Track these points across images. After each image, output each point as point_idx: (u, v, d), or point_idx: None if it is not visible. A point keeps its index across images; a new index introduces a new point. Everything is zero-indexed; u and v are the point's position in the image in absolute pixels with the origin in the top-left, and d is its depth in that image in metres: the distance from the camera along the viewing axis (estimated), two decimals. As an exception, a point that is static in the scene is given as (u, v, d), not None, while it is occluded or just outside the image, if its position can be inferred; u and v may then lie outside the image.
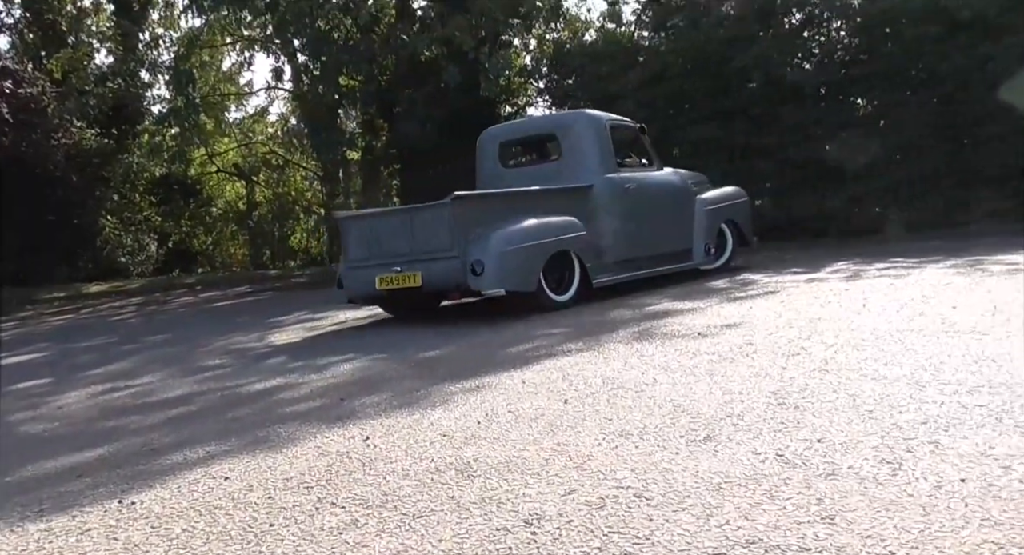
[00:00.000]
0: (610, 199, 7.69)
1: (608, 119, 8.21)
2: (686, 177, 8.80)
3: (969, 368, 3.24)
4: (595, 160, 7.78)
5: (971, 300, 5.04)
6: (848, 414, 2.76)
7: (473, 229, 6.53)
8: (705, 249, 8.43)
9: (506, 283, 6.50)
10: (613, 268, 7.55)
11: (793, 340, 4.25)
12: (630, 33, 14.76)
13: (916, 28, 11.75)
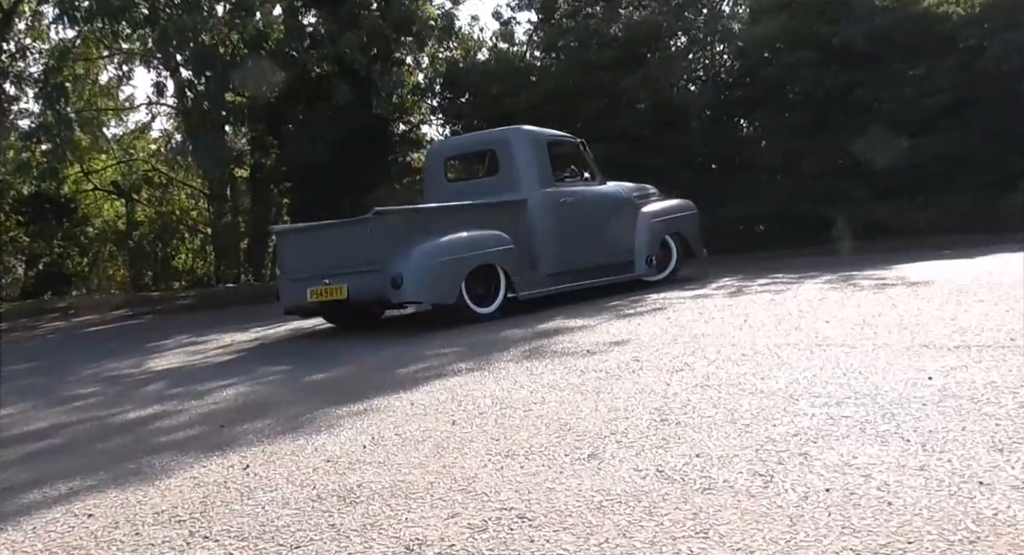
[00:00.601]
0: (545, 213, 7.88)
1: (547, 135, 8.44)
2: (630, 190, 8.96)
3: (838, 381, 3.38)
4: (530, 175, 7.96)
5: (842, 314, 5.27)
6: (726, 428, 2.84)
7: (396, 243, 6.70)
8: (647, 261, 8.59)
9: (426, 296, 6.81)
10: (548, 280, 7.77)
11: (677, 356, 4.35)
12: (522, 53, 14.95)
13: (792, 54, 12.32)
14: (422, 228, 7.01)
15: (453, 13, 15.20)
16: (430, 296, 6.86)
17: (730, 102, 13.21)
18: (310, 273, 6.99)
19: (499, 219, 7.51)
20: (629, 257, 8.54)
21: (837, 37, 11.99)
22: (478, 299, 7.08)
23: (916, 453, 2.34)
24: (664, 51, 13.38)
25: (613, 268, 8.38)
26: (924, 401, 2.90)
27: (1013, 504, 1.90)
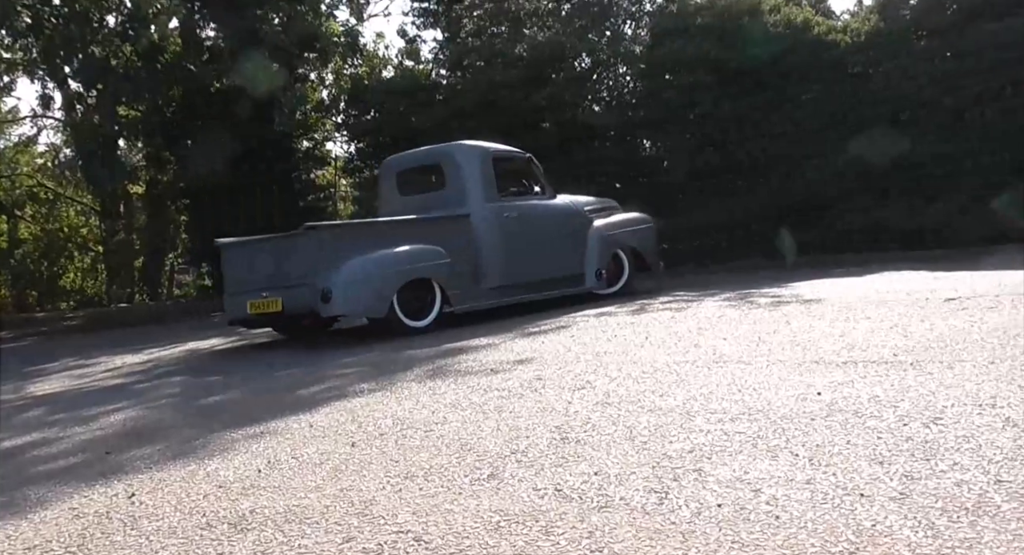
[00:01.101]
0: (488, 228, 8.01)
1: (493, 150, 8.56)
2: (582, 204, 9.04)
3: (733, 397, 3.46)
4: (475, 189, 8.09)
5: (739, 332, 5.41)
6: (624, 446, 2.86)
7: (326, 258, 6.90)
8: (596, 274, 8.68)
9: (354, 309, 7.07)
10: (492, 294, 7.95)
11: (580, 374, 4.38)
12: (428, 71, 14.96)
13: (692, 76, 12.67)
14: (353, 243, 7.19)
15: (358, 30, 15.13)
16: (359, 310, 7.09)
17: (634, 122, 13.48)
18: (250, 286, 7.24)
19: (438, 233, 7.65)
20: (579, 270, 8.66)
21: (734, 61, 12.40)
22: (413, 312, 7.23)
23: (804, 467, 2.41)
24: (569, 72, 13.59)
25: (562, 281, 8.51)
26: (813, 416, 2.99)
27: (890, 515, 1.98)
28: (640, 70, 13.63)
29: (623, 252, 9.14)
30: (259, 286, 7.15)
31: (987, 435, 2.51)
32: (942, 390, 3.16)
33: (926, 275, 8.10)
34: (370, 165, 14.90)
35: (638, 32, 14.71)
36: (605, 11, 14.00)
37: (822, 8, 14.62)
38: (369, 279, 7.03)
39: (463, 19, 14.15)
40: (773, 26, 12.66)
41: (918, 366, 3.66)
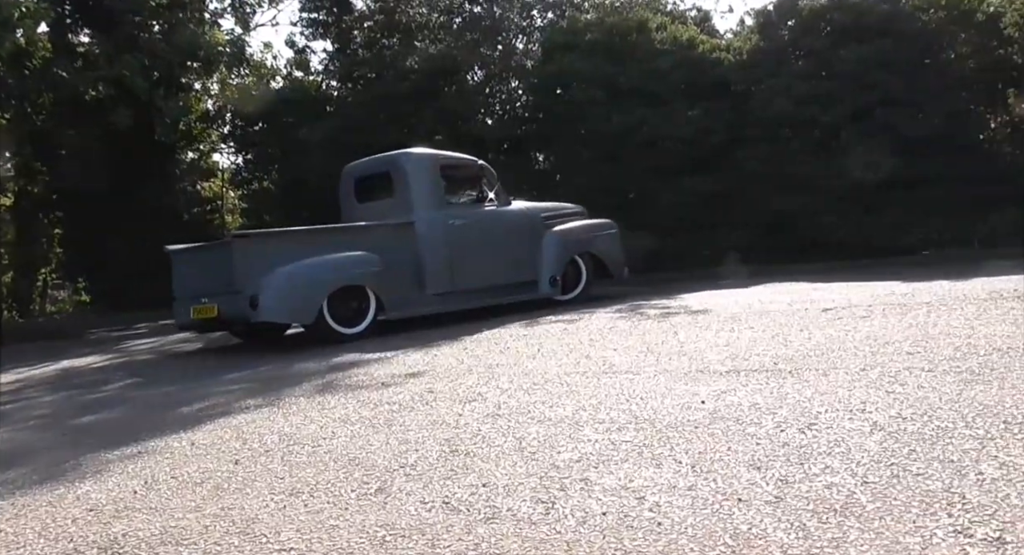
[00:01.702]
0: (432, 235, 8.10)
1: (441, 157, 8.63)
2: (537, 211, 9.05)
3: (621, 406, 3.51)
4: (420, 197, 8.18)
5: (629, 342, 5.51)
6: (513, 457, 2.87)
7: (254, 265, 7.03)
8: (550, 281, 8.69)
9: (281, 316, 7.25)
10: (436, 300, 8.06)
11: (471, 386, 4.38)
12: (318, 82, 14.73)
13: (583, 91, 12.90)
14: (282, 251, 7.30)
15: (244, 39, 14.75)
16: (286, 316, 7.30)
17: (526, 136, 13.62)
18: (192, 292, 7.46)
19: (377, 241, 7.76)
20: (534, 277, 8.71)
21: (623, 77, 12.68)
22: (348, 319, 7.38)
23: (686, 474, 2.47)
24: (461, 84, 13.63)
25: (516, 288, 8.58)
26: (697, 424, 3.06)
27: (765, 518, 2.04)
28: (531, 84, 13.79)
29: (581, 259, 9.19)
30: (200, 292, 7.37)
31: (856, 439, 2.63)
32: (817, 397, 3.28)
33: (807, 286, 8.45)
34: (259, 177, 14.53)
35: (529, 47, 14.90)
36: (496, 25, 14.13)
37: (707, 27, 15.14)
38: (296, 286, 7.14)
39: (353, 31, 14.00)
40: (660, 43, 13.01)
41: (796, 374, 3.80)
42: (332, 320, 7.31)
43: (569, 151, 13.19)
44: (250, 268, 7.03)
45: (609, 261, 9.41)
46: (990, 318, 4.94)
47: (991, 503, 1.96)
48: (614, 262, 9.47)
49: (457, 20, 14.54)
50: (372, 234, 7.95)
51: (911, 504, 2.01)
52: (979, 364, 3.59)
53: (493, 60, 13.88)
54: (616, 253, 9.54)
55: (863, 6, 12.37)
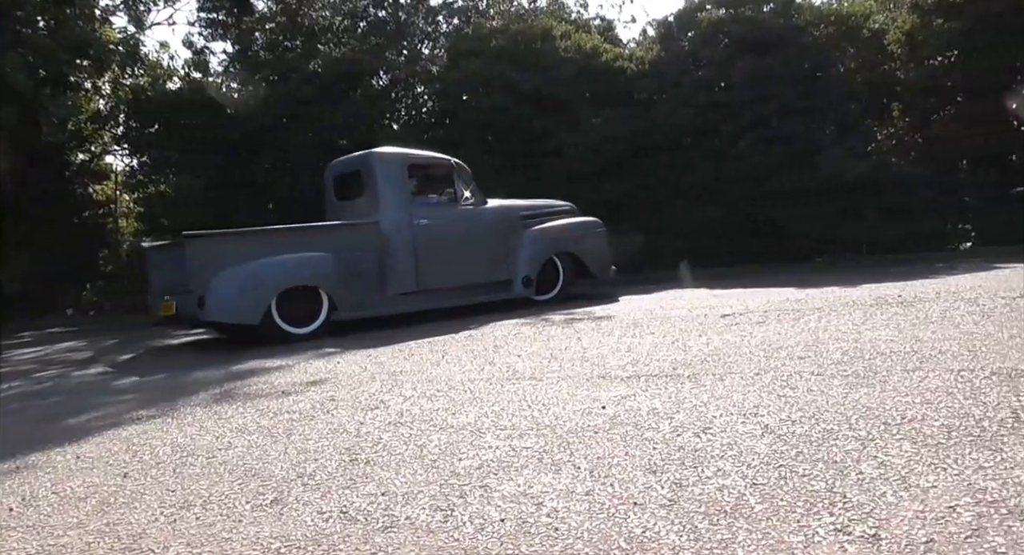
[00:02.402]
0: (397, 235, 8.13)
1: (410, 157, 8.60)
2: (516, 209, 8.96)
3: (523, 413, 3.53)
4: (385, 196, 8.21)
5: (533, 349, 5.55)
6: (414, 465, 2.85)
7: (205, 265, 7.17)
8: (524, 281, 8.66)
9: (227, 316, 7.31)
10: (402, 300, 8.13)
11: (374, 394, 4.33)
12: (218, 84, 14.34)
13: (489, 98, 12.94)
14: (235, 251, 7.43)
15: (138, 38, 14.25)
16: (232, 317, 7.33)
17: (433, 141, 13.56)
18: (160, 289, 7.66)
19: (337, 240, 7.89)
20: (508, 277, 8.68)
21: (528, 83, 12.77)
22: (301, 320, 7.49)
23: (584, 479, 2.49)
24: (366, 89, 13.49)
25: (488, 288, 8.58)
26: (596, 429, 3.10)
27: (659, 521, 2.08)
28: (438, 90, 13.76)
29: (559, 258, 9.11)
30: (165, 289, 7.56)
31: (748, 442, 2.70)
32: (713, 401, 3.37)
33: (706, 293, 8.67)
34: (155, 180, 14.03)
35: (435, 52, 14.87)
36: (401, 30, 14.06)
37: (610, 36, 15.39)
38: (242, 287, 7.24)
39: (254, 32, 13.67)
40: (564, 51, 13.16)
41: (694, 379, 3.89)
42: (282, 320, 7.42)
43: (475, 157, 13.17)
44: (202, 268, 7.17)
45: (590, 260, 9.33)
46: (875, 323, 5.17)
47: (869, 501, 2.05)
48: (596, 262, 9.38)
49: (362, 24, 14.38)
50: (331, 234, 8.05)
51: (796, 504, 2.09)
52: (864, 368, 3.74)
53: (398, 65, 13.80)
54: (599, 252, 9.45)
55: (758, 19, 12.79)
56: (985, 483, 2.10)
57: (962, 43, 11.81)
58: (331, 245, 7.79)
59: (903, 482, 2.17)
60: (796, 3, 13.13)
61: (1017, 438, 2.48)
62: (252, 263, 7.35)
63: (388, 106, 13.84)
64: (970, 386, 3.19)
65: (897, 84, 12.82)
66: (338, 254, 7.73)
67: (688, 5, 13.70)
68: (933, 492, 2.07)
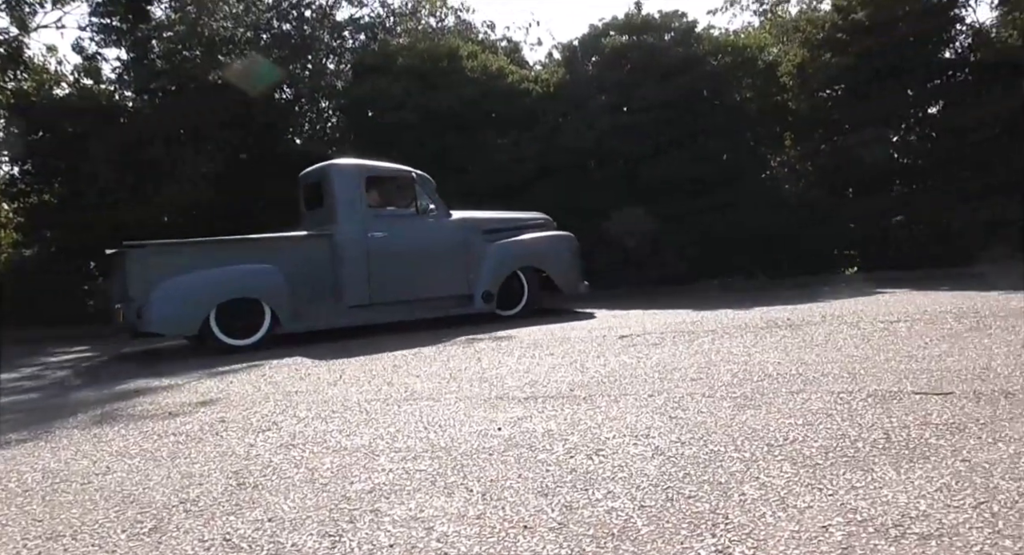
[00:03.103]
0: (350, 247, 8.08)
1: (368, 168, 8.52)
2: (479, 222, 8.83)
3: (419, 434, 3.50)
4: (341, 208, 8.17)
5: (433, 369, 5.52)
6: (304, 489, 2.79)
7: (145, 276, 7.28)
8: (483, 296, 8.51)
9: (164, 328, 7.44)
10: (354, 313, 8.10)
11: (266, 415, 4.23)
12: (110, 91, 13.76)
13: (395, 114, 12.86)
14: (173, 262, 7.47)
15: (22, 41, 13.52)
16: (168, 328, 7.49)
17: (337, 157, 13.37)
18: (116, 298, 7.76)
19: (287, 253, 7.94)
20: (469, 291, 8.55)
21: (434, 102, 12.77)
22: (245, 331, 7.55)
23: (476, 502, 2.48)
24: (268, 102, 13.24)
25: (448, 301, 8.49)
26: (491, 451, 3.09)
27: (548, 545, 2.08)
28: (342, 105, 13.61)
29: (523, 273, 8.95)
30: (117, 299, 7.66)
31: (639, 464, 2.74)
32: (607, 423, 3.41)
33: (606, 313, 8.80)
34: (37, 189, 13.34)
35: (341, 67, 14.72)
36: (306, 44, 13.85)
37: (517, 58, 15.55)
38: (180, 298, 7.30)
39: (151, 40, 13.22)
40: (471, 71, 13.23)
41: (590, 400, 3.94)
42: (225, 331, 7.49)
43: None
44: (142, 278, 7.28)
45: (557, 275, 9.17)
46: (765, 345, 5.34)
47: (749, 523, 2.10)
48: (563, 277, 9.22)
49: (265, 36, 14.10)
50: (278, 246, 8.10)
51: (681, 526, 2.12)
52: (752, 389, 3.86)
53: (302, 79, 13.59)
54: (567, 267, 9.29)
55: (660, 47, 13.14)
56: (856, 503, 2.19)
57: (847, 78, 12.40)
58: (278, 257, 7.82)
59: (782, 503, 2.23)
60: (696, 33, 13.54)
61: (887, 458, 2.59)
62: (191, 275, 7.39)
63: (292, 120, 13.61)
64: (848, 408, 3.32)
65: (789, 114, 13.34)
66: (285, 266, 7.75)
67: (592, 30, 13.96)
68: (809, 512, 2.14)
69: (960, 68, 12.68)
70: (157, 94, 12.64)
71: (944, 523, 2.00)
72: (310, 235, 8.28)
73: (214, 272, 7.54)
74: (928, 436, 2.82)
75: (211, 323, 7.41)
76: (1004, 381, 3.64)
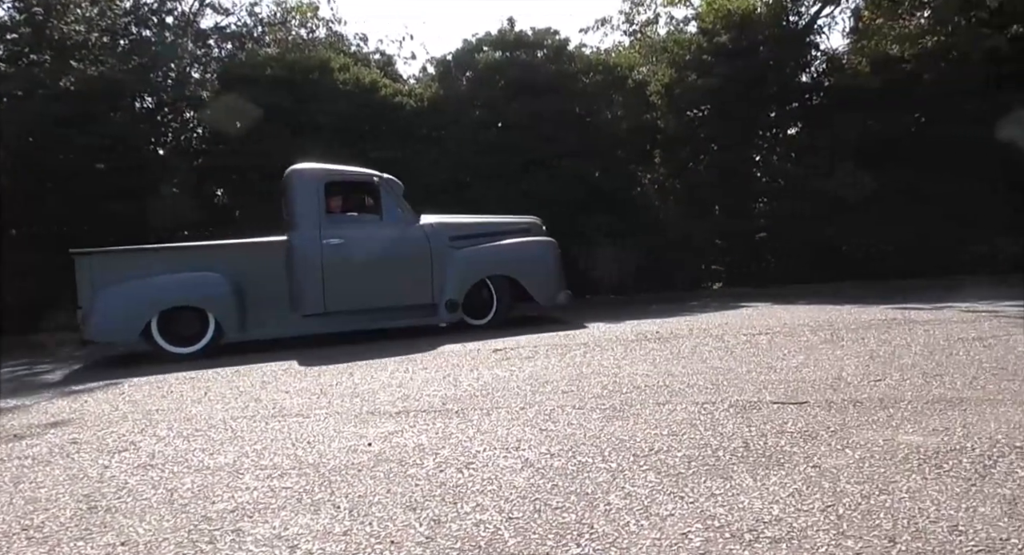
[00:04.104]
0: (304, 254, 7.86)
1: (326, 172, 8.21)
2: (446, 228, 8.45)
3: (287, 451, 3.41)
4: (300, 214, 7.94)
5: (303, 385, 5.39)
6: (161, 510, 2.67)
7: (90, 283, 7.32)
8: (447, 305, 8.15)
9: (103, 336, 7.45)
10: (309, 322, 7.90)
11: (124, 435, 4.03)
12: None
13: (265, 127, 12.52)
14: (119, 269, 7.44)
15: None
16: (107, 336, 7.49)
17: (202, 168, 12.92)
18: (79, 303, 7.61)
19: (238, 260, 7.78)
20: (433, 300, 8.21)
21: (305, 115, 12.52)
22: (191, 339, 7.51)
23: (343, 519, 2.44)
24: (127, 111, 12.64)
25: (411, 311, 8.18)
26: (360, 467, 3.05)
27: (414, 560, 2.07)
28: (208, 116, 13.13)
29: (492, 281, 8.49)
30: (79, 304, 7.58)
31: (508, 476, 2.76)
32: (478, 436, 3.42)
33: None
34: None
35: (206, 77, 14.20)
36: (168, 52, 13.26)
37: (390, 72, 15.43)
38: (119, 306, 7.28)
39: (-8, 43, 12.36)
40: (343, 84, 13.04)
41: (462, 414, 3.94)
42: (164, 340, 7.46)
43: (249, 186, 12.70)
44: (89, 285, 7.31)
45: (530, 284, 8.57)
46: (634, 358, 5.48)
47: (613, 532, 2.15)
48: (537, 285, 8.61)
49: (122, 42, 13.43)
50: (228, 253, 7.92)
51: (547, 537, 2.15)
52: (621, 401, 3.95)
53: (165, 88, 13.03)
54: (542, 276, 8.67)
55: (533, 64, 13.32)
56: (715, 509, 2.27)
57: (713, 98, 12.92)
58: (227, 264, 7.69)
59: (645, 511, 2.29)
60: (568, 51, 13.81)
61: (746, 466, 2.70)
62: (133, 282, 7.36)
63: (153, 130, 13.02)
64: (711, 418, 3.44)
65: (658, 132, 13.78)
66: (236, 274, 7.64)
67: (466, 45, 14.01)
68: (670, 520, 2.21)
69: (816, 92, 13.45)
70: (2, 99, 11.81)
71: (794, 526, 2.10)
72: (263, 242, 8.11)
73: (157, 279, 7.48)
74: (783, 444, 2.95)
75: (153, 331, 7.39)
76: (854, 390, 3.86)
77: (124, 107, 12.42)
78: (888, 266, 11.98)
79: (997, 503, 2.20)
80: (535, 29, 13.82)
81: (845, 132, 12.22)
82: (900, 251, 12.08)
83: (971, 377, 4.06)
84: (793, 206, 12.56)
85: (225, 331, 7.65)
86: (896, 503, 2.24)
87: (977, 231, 11.77)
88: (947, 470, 2.53)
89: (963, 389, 3.78)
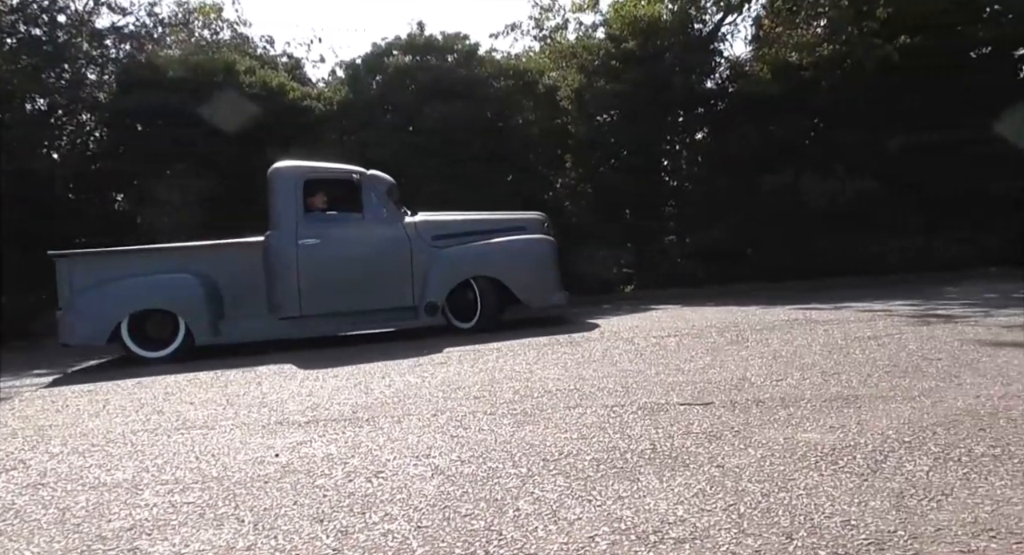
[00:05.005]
0: (280, 256, 7.66)
1: (306, 170, 7.90)
2: (430, 226, 8.09)
3: (190, 465, 3.31)
4: (278, 214, 7.75)
5: (208, 395, 5.25)
6: (52, 531, 2.55)
7: (68, 286, 7.40)
8: (427, 308, 7.82)
9: (74, 339, 7.43)
10: (283, 326, 7.74)
11: (12, 453, 3.84)
12: None
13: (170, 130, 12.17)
14: (94, 272, 7.48)
15: None
16: (77, 339, 7.43)
17: (101, 173, 12.47)
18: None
19: (213, 262, 7.71)
20: (414, 303, 7.91)
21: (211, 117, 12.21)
22: (159, 344, 7.49)
23: (247, 533, 2.37)
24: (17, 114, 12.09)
25: (393, 313, 7.89)
26: (267, 479, 2.97)
27: (319, 574, 2.03)
28: (106, 119, 12.69)
29: (476, 283, 8.05)
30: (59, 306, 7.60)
31: (418, 485, 2.73)
32: (388, 444, 3.37)
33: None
34: None
35: (104, 78, 13.70)
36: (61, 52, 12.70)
37: (298, 75, 15.19)
38: (90, 309, 7.31)
39: None
40: (249, 87, 12.78)
41: (372, 422, 3.88)
42: (135, 343, 7.46)
43: (155, 191, 12.31)
44: (66, 287, 7.37)
45: (516, 285, 8.10)
46: (546, 362, 5.51)
47: (522, 537, 2.15)
48: (524, 287, 8.15)
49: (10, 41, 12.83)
50: (206, 255, 7.84)
51: (456, 545, 2.13)
52: (532, 406, 3.96)
53: (59, 90, 12.50)
54: (530, 277, 8.21)
55: (443, 69, 13.33)
56: (622, 512, 2.29)
57: (621, 103, 13.14)
58: (206, 266, 7.66)
59: (554, 516, 2.29)
60: (478, 56, 13.85)
61: (652, 468, 2.74)
62: (105, 285, 7.36)
63: (46, 133, 12.48)
64: (620, 421, 3.48)
65: (569, 137, 13.94)
66: (211, 276, 7.54)
67: (375, 49, 13.92)
68: (578, 524, 2.22)
69: (721, 98, 13.82)
70: None
71: (697, 526, 2.14)
72: (239, 243, 7.95)
73: (127, 282, 7.46)
74: (689, 445, 3.00)
75: (123, 334, 7.40)
76: (757, 390, 3.96)
77: (14, 109, 11.86)
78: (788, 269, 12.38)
79: (886, 497, 2.28)
80: (445, 34, 13.83)
81: (748, 137, 12.58)
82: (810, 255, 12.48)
83: (866, 375, 4.22)
84: (700, 210, 12.87)
85: (195, 335, 7.49)
86: (794, 500, 2.30)
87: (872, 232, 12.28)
88: (842, 466, 2.61)
89: (858, 387, 3.92)
